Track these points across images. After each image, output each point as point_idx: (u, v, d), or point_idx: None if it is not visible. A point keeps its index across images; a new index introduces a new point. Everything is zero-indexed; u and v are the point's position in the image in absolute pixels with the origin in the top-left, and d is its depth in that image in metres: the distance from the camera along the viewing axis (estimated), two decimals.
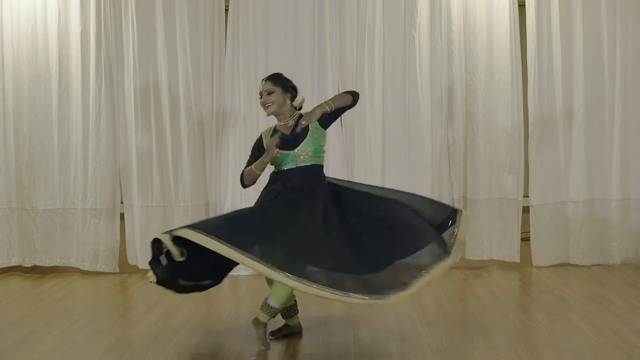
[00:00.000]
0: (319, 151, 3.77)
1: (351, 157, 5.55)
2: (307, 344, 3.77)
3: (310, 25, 5.51)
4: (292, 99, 3.84)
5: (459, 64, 5.50)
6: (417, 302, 4.56)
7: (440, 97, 5.51)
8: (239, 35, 5.52)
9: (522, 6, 5.59)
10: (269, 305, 3.60)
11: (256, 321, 3.63)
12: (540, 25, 5.49)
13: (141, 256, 5.57)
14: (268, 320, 3.63)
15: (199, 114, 5.56)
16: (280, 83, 3.81)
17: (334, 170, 5.49)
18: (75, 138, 5.58)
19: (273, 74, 3.88)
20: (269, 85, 3.80)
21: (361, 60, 5.52)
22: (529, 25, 5.51)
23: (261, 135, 3.91)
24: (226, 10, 5.60)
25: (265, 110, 3.82)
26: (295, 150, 3.73)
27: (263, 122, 5.40)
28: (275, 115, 3.84)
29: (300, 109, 3.89)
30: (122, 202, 5.67)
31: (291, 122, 3.83)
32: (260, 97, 3.83)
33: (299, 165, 3.73)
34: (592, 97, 5.53)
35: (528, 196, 5.60)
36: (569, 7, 5.50)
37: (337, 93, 5.51)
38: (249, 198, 5.51)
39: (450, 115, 5.52)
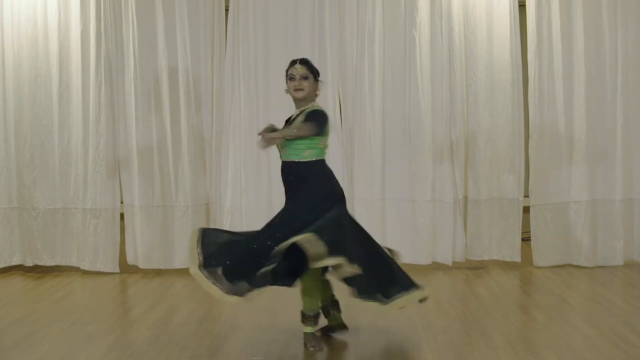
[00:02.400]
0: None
1: (351, 157, 5.54)
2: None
3: (310, 25, 5.51)
4: (317, 88, 3.78)
5: (459, 63, 5.50)
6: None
7: (440, 97, 5.50)
8: (239, 35, 5.52)
9: (522, 6, 5.58)
10: (304, 315, 3.69)
11: (305, 335, 3.72)
12: (540, 25, 5.49)
13: (141, 256, 5.57)
14: (312, 330, 3.70)
15: (199, 113, 5.56)
16: (313, 71, 3.75)
17: (333, 171, 5.48)
18: (76, 138, 5.59)
19: (306, 59, 3.78)
20: (305, 70, 3.71)
21: (361, 60, 5.52)
22: (529, 25, 5.50)
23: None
24: (226, 10, 5.60)
25: (293, 93, 3.70)
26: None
27: (263, 121, 5.40)
28: (299, 100, 3.74)
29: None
30: (122, 202, 5.67)
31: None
32: (291, 79, 3.70)
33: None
34: (593, 97, 5.53)
35: (529, 196, 5.59)
36: (569, 7, 5.49)
37: (337, 93, 5.53)
38: (249, 197, 5.54)
39: (450, 115, 5.52)
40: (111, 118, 5.58)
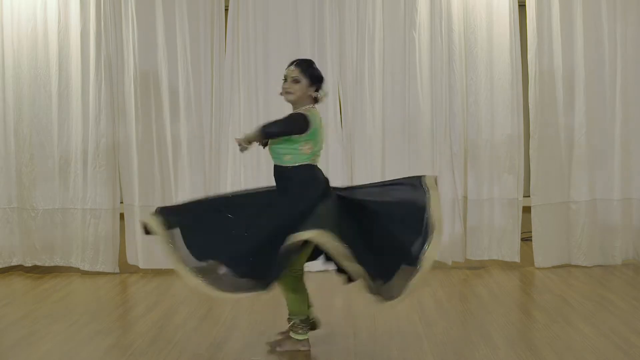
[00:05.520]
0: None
1: (351, 157, 5.54)
2: None
3: (310, 25, 5.50)
4: (317, 91, 3.55)
5: (459, 64, 5.49)
6: (417, 302, 4.56)
7: (440, 97, 5.50)
8: (239, 35, 5.52)
9: (522, 6, 5.58)
10: (293, 323, 3.62)
11: (293, 342, 3.64)
12: (540, 25, 5.49)
13: (141, 256, 5.57)
14: (305, 336, 3.62)
15: (199, 113, 5.56)
16: (309, 74, 3.52)
17: (334, 171, 5.49)
18: (75, 138, 5.58)
19: (304, 60, 3.59)
20: (297, 73, 3.50)
21: (361, 60, 5.52)
22: (529, 25, 5.50)
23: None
24: (226, 10, 5.60)
25: (283, 95, 3.56)
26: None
27: (263, 121, 5.39)
28: (292, 104, 3.60)
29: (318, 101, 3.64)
30: (122, 202, 5.67)
31: None
32: (284, 80, 3.55)
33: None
34: (593, 97, 5.52)
35: (529, 196, 5.59)
36: (569, 7, 5.49)
37: (337, 93, 5.52)
38: None
39: (450, 115, 5.51)
40: (111, 118, 5.58)
